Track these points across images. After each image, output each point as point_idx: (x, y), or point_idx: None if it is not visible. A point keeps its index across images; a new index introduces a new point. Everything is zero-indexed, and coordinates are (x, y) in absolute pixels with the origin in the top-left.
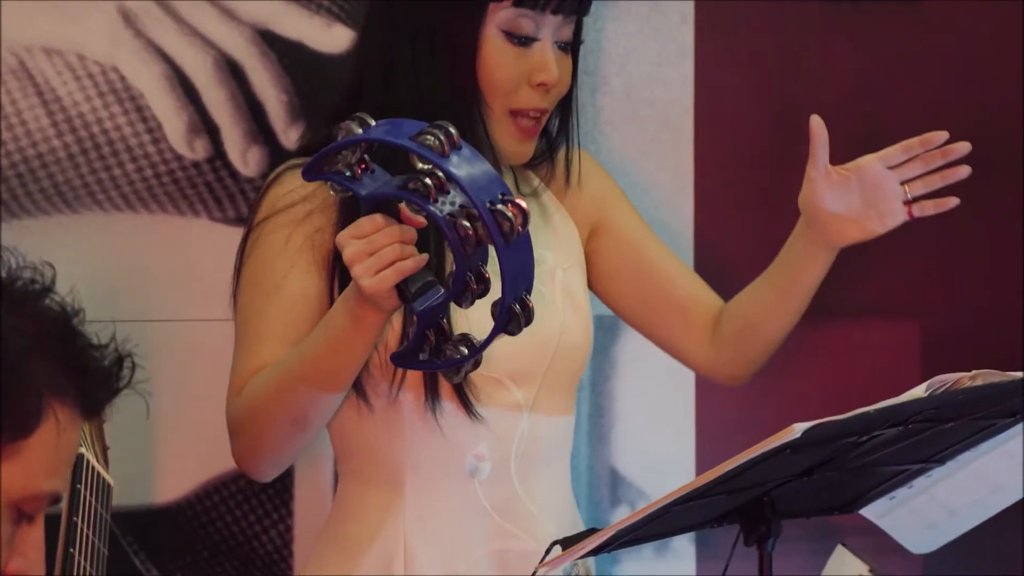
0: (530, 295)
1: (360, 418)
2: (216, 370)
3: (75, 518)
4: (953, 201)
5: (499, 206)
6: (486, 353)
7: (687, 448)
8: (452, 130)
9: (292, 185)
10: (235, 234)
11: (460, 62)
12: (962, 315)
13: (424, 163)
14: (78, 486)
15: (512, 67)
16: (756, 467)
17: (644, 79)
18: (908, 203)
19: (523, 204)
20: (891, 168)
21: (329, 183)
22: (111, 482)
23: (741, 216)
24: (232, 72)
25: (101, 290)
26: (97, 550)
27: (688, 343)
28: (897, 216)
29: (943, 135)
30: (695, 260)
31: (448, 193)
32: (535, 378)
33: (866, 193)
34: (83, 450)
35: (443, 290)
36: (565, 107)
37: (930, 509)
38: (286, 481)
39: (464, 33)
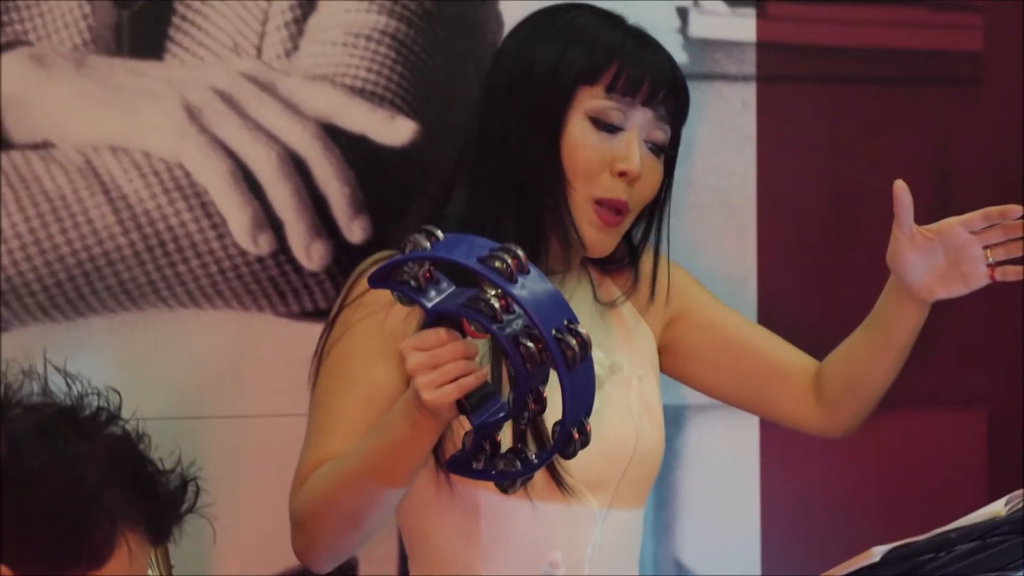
0: (589, 419)
1: (437, 511)
2: (280, 466)
3: None
4: None
5: (564, 334)
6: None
7: (753, 540)
8: (520, 253)
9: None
10: (299, 328)
11: (545, 141)
12: None
13: (491, 287)
14: None
15: (595, 151)
16: None
17: (706, 166)
18: (991, 267)
19: (586, 334)
20: (973, 233)
21: (394, 292)
22: None
23: (805, 304)
24: (296, 166)
25: (165, 386)
26: None
27: (797, 408)
28: (980, 279)
29: (1020, 209)
30: None
31: (513, 312)
32: (611, 485)
33: (949, 254)
34: (151, 573)
35: (501, 401)
36: (654, 215)
37: None
38: None
39: (551, 113)
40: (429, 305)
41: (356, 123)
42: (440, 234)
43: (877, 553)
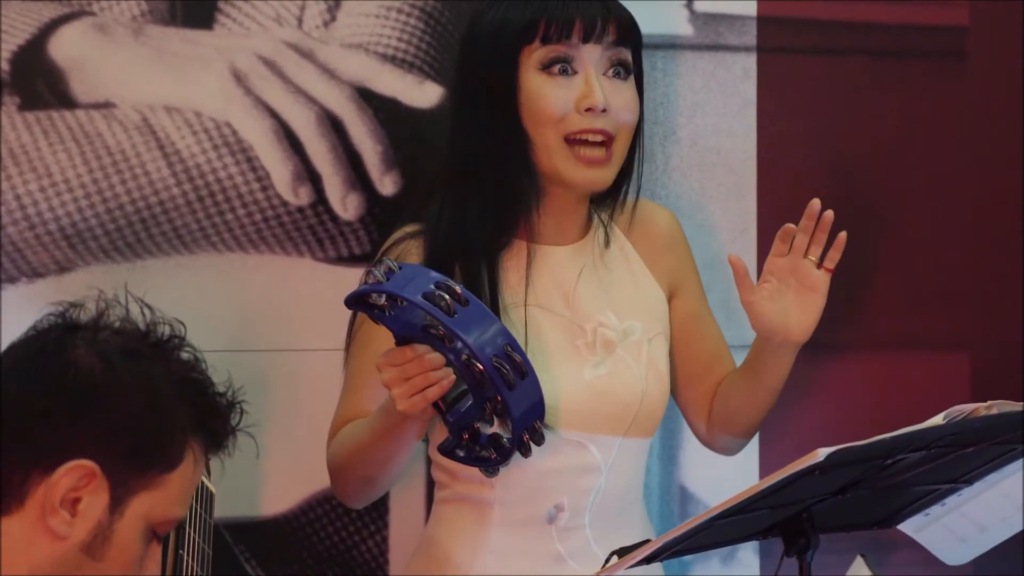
0: (543, 422)
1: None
2: (317, 394)
3: (185, 526)
4: (842, 234)
5: (502, 359)
6: (568, 417)
7: (752, 468)
8: (458, 288)
9: (396, 252)
10: (335, 272)
11: (502, 112)
12: (1011, 345)
13: (434, 321)
14: None
15: (555, 96)
16: (791, 486)
17: (710, 129)
18: (820, 266)
19: (521, 358)
20: (788, 255)
21: (367, 315)
22: (213, 490)
23: None
24: (333, 126)
25: (214, 322)
26: (202, 551)
27: (694, 416)
28: (820, 279)
29: (792, 227)
30: None
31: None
32: (614, 442)
33: (788, 283)
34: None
35: (472, 401)
36: (633, 144)
37: (962, 525)
38: (383, 497)
39: (501, 82)
40: (394, 327)
41: (388, 87)
42: (395, 266)
43: (822, 453)
